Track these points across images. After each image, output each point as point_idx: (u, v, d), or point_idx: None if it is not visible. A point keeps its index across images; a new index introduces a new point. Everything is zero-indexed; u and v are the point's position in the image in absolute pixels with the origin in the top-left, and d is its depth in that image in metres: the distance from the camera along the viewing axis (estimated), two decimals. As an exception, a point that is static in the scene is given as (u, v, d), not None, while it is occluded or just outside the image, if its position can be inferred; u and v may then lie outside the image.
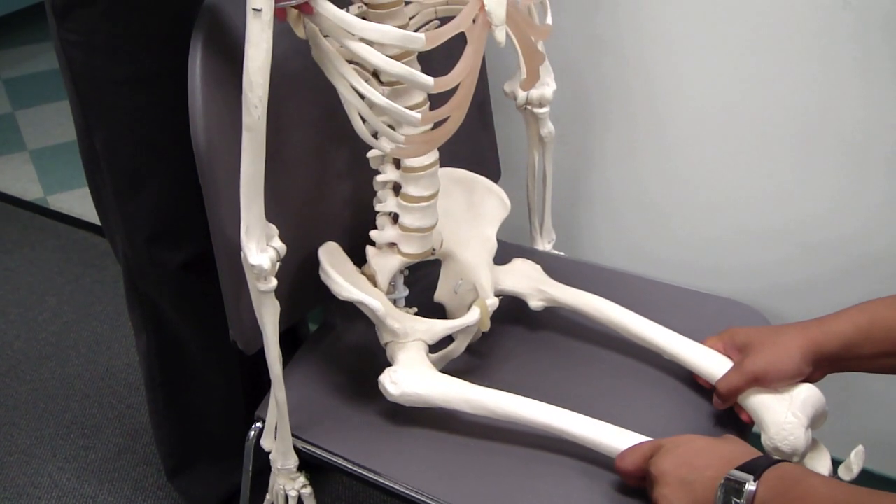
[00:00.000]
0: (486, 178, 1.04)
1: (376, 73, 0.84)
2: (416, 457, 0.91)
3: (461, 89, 0.78)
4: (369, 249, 0.95)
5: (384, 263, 0.94)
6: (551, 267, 1.06)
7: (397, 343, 0.92)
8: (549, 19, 0.95)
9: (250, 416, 0.99)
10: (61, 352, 1.82)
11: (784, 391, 0.86)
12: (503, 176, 1.22)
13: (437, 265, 1.00)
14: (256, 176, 0.77)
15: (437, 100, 0.81)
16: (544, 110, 1.10)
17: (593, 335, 1.04)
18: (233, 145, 0.78)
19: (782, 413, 0.84)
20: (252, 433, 0.98)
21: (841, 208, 1.17)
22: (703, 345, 0.94)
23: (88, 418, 1.65)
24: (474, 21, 0.77)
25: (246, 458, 1.00)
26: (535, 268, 1.05)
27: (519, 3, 0.82)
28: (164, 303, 1.19)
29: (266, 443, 0.94)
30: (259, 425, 0.96)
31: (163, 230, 1.11)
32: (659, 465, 0.77)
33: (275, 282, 0.81)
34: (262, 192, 0.78)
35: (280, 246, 0.81)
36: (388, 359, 0.92)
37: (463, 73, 0.77)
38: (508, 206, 1.03)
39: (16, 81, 3.03)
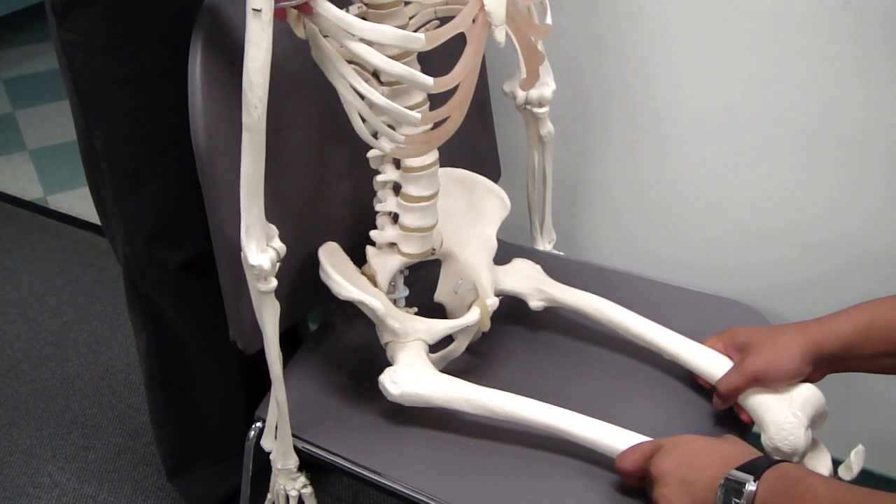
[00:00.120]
0: (486, 178, 1.04)
1: (376, 73, 0.84)
2: (416, 457, 0.91)
3: (461, 89, 0.78)
4: (369, 249, 0.95)
5: (384, 263, 0.94)
6: (551, 267, 1.06)
7: (397, 343, 0.92)
8: (548, 19, 0.95)
9: (250, 416, 0.99)
10: (61, 352, 1.82)
11: (784, 391, 0.86)
12: (503, 176, 1.22)
13: (437, 265, 1.00)
14: (256, 176, 0.77)
15: (437, 100, 0.81)
16: (544, 110, 1.10)
17: (593, 335, 1.04)
18: (233, 145, 0.78)
19: (782, 413, 0.84)
20: (252, 433, 0.98)
21: (841, 208, 1.17)
22: (703, 345, 0.94)
23: (88, 418, 1.65)
24: (474, 21, 0.77)
25: (246, 458, 1.00)
26: (536, 268, 1.05)
27: (519, 3, 0.82)
28: (164, 303, 1.19)
29: (266, 443, 0.94)
30: (259, 425, 0.96)
31: (163, 230, 1.11)
32: (659, 465, 0.77)
33: (275, 282, 0.81)
34: (262, 192, 0.78)
35: (280, 246, 0.81)
36: (389, 358, 0.92)
37: (463, 73, 0.77)
38: (508, 205, 1.03)
39: (16, 81, 3.02)
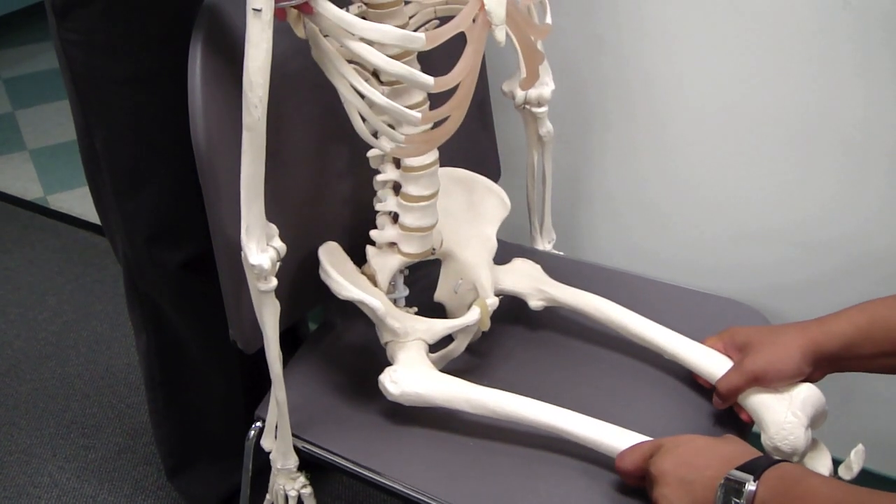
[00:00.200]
0: (486, 178, 1.04)
1: (376, 72, 0.84)
2: (416, 456, 0.91)
3: (461, 89, 0.78)
4: (369, 249, 0.95)
5: (384, 263, 0.94)
6: (551, 266, 1.06)
7: (397, 342, 0.92)
8: (548, 18, 0.95)
9: (250, 415, 0.99)
10: (61, 351, 1.82)
11: (784, 391, 0.86)
12: (503, 175, 1.22)
13: (437, 265, 1.00)
14: (257, 176, 0.77)
15: (437, 99, 0.81)
16: (543, 110, 1.10)
17: (593, 335, 1.04)
18: (233, 145, 0.78)
19: (782, 413, 0.84)
20: (252, 433, 0.98)
21: (841, 208, 1.17)
22: (703, 344, 0.94)
23: (88, 418, 1.65)
24: (474, 21, 0.77)
25: (246, 458, 1.00)
26: (535, 267, 1.05)
27: (519, 3, 0.82)
28: (164, 302, 1.19)
29: (266, 442, 0.94)
30: (259, 425, 0.96)
31: (163, 230, 1.11)
32: (659, 464, 0.77)
33: (275, 281, 0.81)
34: (263, 191, 0.78)
35: (280, 245, 0.81)
36: (388, 358, 0.92)
37: (463, 73, 0.77)
38: (508, 205, 1.03)
39: (16, 81, 3.02)
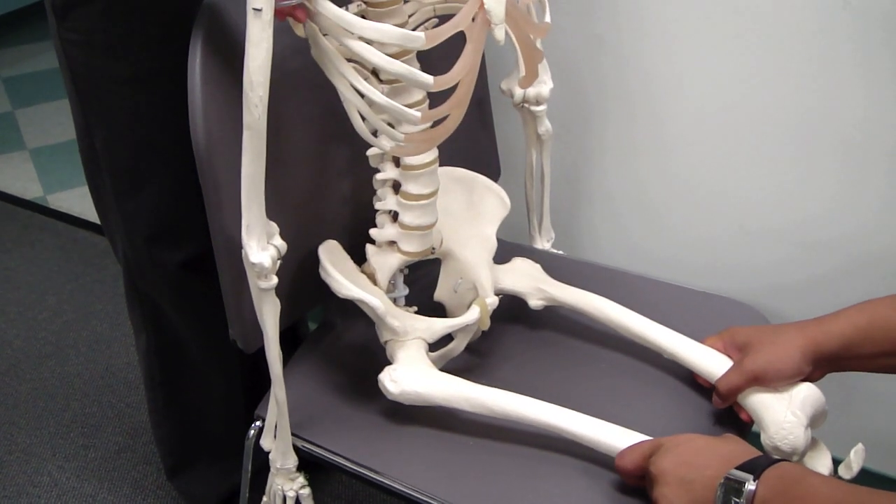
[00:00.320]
0: (485, 177, 1.04)
1: (375, 71, 0.84)
2: (416, 456, 0.90)
3: (460, 87, 0.78)
4: (369, 248, 0.95)
5: (384, 262, 0.94)
6: (551, 266, 1.06)
7: (397, 341, 0.92)
8: (547, 17, 0.95)
9: (250, 415, 0.99)
10: (61, 351, 1.82)
11: (784, 390, 0.86)
12: (503, 174, 1.22)
13: (437, 264, 1.00)
14: (257, 175, 0.77)
15: (437, 98, 0.81)
16: (541, 108, 1.10)
17: (593, 334, 1.04)
18: (232, 144, 0.78)
19: (782, 412, 0.84)
20: (252, 432, 0.98)
21: (841, 208, 1.17)
22: (702, 344, 0.94)
23: (88, 417, 1.65)
24: (473, 19, 0.77)
25: (246, 458, 1.00)
26: (535, 267, 1.05)
27: (518, 1, 0.82)
28: (164, 302, 1.19)
29: (266, 442, 0.94)
30: (259, 424, 0.96)
31: (163, 230, 1.11)
32: (659, 464, 0.77)
33: (275, 280, 0.81)
34: (263, 190, 0.78)
35: (281, 244, 0.81)
36: (388, 357, 0.92)
37: (462, 72, 0.77)
38: (508, 204, 1.03)
39: (15, 80, 3.03)
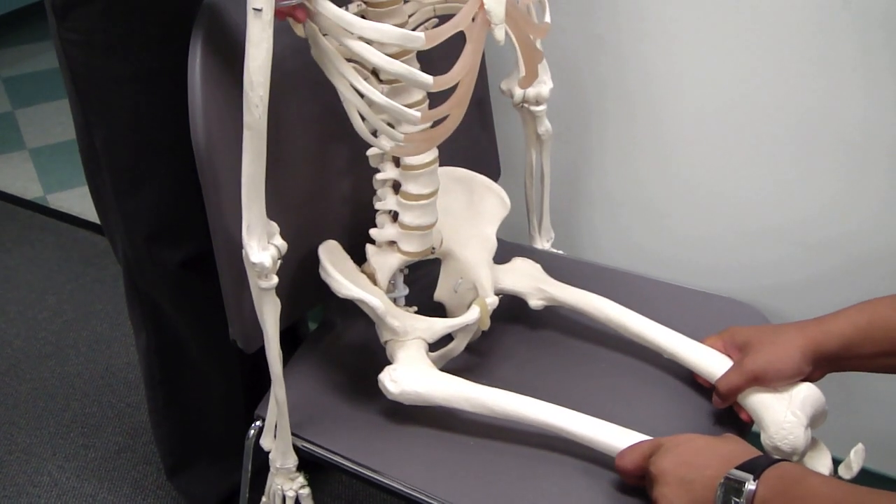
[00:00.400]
0: (485, 177, 1.04)
1: (375, 71, 0.84)
2: (416, 455, 0.90)
3: (460, 87, 0.78)
4: (369, 248, 0.95)
5: (384, 261, 0.94)
6: (551, 266, 1.06)
7: (397, 341, 0.92)
8: (547, 17, 0.95)
9: (250, 414, 0.99)
10: (61, 350, 1.82)
11: (784, 390, 0.86)
12: (503, 174, 1.22)
13: (437, 264, 1.00)
14: (257, 174, 0.77)
15: (437, 98, 0.81)
16: (541, 108, 1.10)
17: (593, 334, 1.04)
18: (232, 144, 0.78)
19: (782, 412, 0.84)
20: (252, 432, 0.98)
21: (841, 207, 1.17)
22: (702, 344, 0.94)
23: (88, 417, 1.65)
24: (473, 19, 0.77)
25: (245, 457, 1.00)
26: (535, 266, 1.05)
27: (518, 1, 0.82)
28: (164, 302, 1.19)
29: (265, 442, 0.94)
30: (259, 424, 0.96)
31: (162, 229, 1.11)
32: (658, 463, 0.77)
33: (276, 279, 0.81)
34: (263, 190, 0.78)
35: (281, 243, 0.81)
36: (388, 357, 0.92)
37: (462, 72, 0.77)
38: (508, 204, 1.02)
39: (15, 80, 3.03)
